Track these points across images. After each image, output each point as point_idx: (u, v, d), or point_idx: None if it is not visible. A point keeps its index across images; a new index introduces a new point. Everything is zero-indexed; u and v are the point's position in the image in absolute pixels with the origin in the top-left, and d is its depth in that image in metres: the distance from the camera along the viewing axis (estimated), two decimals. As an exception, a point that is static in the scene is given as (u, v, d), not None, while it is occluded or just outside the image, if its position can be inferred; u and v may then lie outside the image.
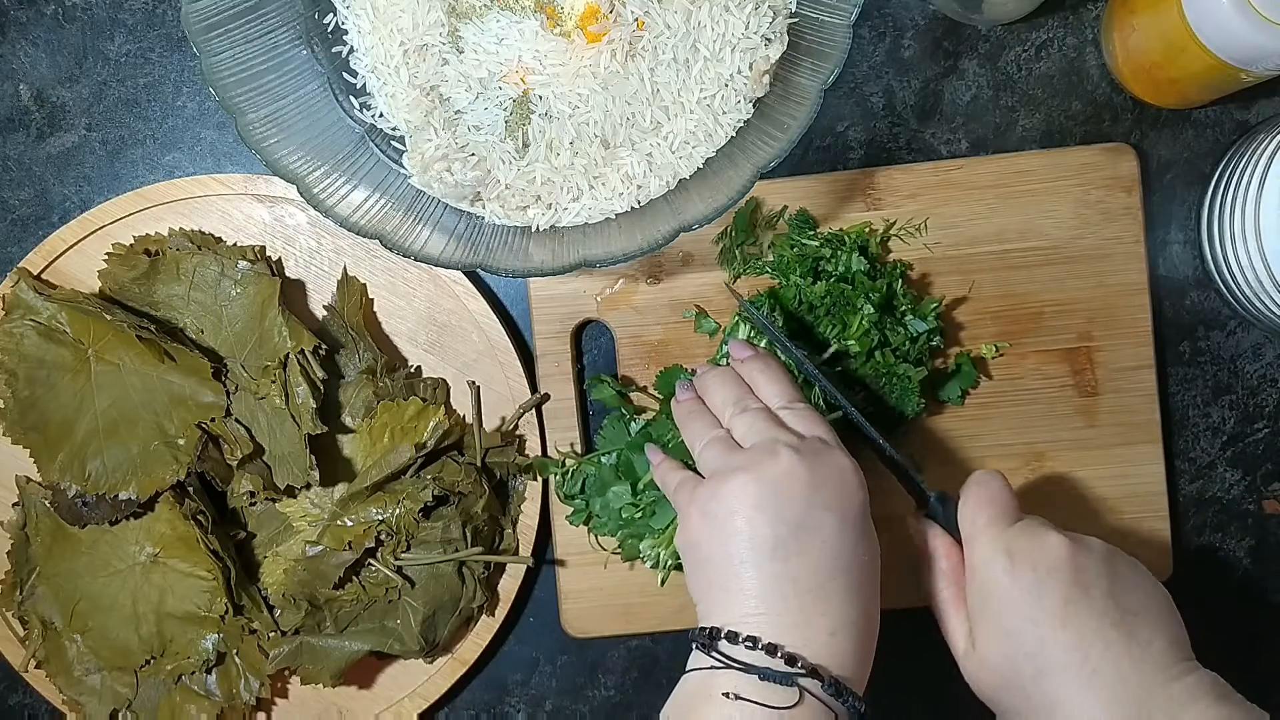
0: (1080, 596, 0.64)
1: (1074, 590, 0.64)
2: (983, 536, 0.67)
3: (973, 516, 0.68)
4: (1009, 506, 0.68)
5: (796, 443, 0.66)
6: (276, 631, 0.79)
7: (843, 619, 0.63)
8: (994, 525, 0.67)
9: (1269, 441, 0.83)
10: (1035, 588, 0.65)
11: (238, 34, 0.70)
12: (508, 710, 0.85)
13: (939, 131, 0.83)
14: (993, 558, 0.66)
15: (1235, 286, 0.79)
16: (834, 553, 0.64)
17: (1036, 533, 0.66)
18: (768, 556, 0.63)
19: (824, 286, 0.76)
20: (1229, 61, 0.71)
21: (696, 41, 0.71)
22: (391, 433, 0.80)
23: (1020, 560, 0.65)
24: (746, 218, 0.80)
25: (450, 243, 0.72)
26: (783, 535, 0.63)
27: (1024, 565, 0.65)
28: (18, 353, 0.79)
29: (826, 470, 0.65)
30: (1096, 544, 0.67)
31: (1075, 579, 0.65)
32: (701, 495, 0.66)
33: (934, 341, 0.78)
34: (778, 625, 0.62)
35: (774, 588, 0.63)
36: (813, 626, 0.62)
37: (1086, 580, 0.65)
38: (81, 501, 0.78)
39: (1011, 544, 0.66)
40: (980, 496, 0.69)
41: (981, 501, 0.68)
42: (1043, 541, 0.66)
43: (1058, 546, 0.65)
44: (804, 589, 0.63)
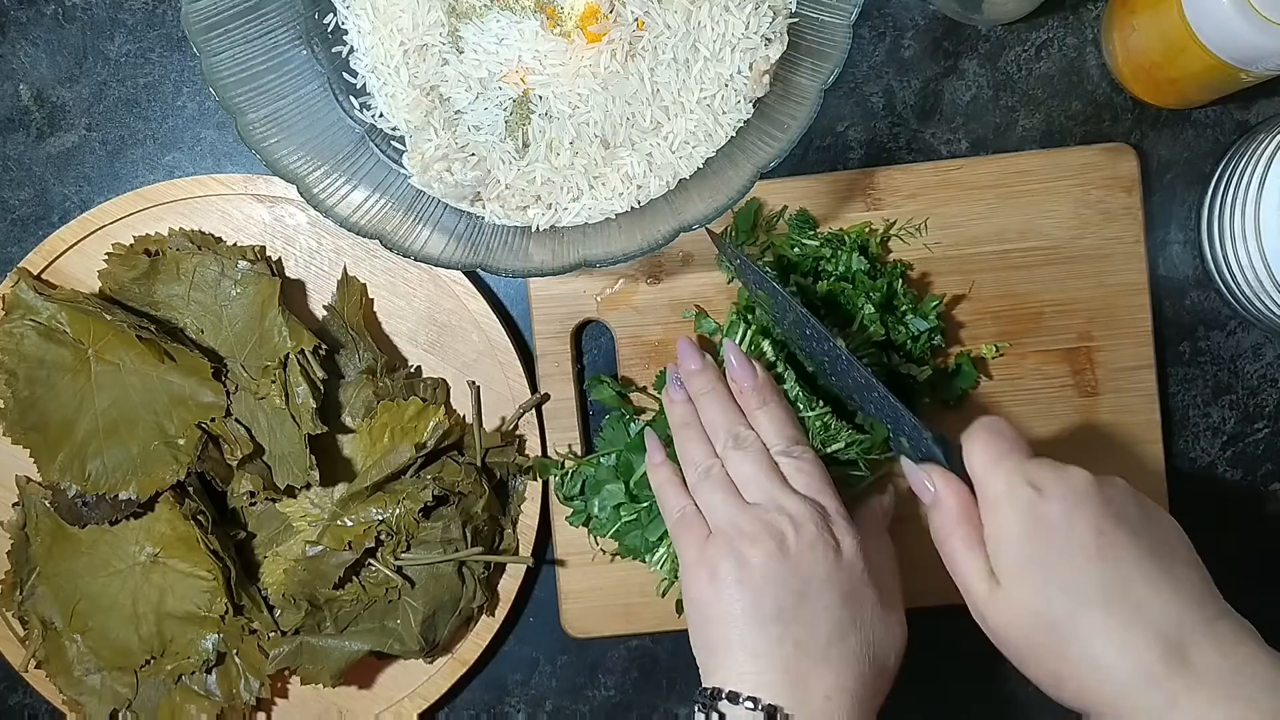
0: (1115, 526, 0.61)
1: (1106, 520, 0.61)
2: (999, 470, 0.64)
3: (983, 452, 0.65)
4: (1020, 441, 0.65)
5: (799, 509, 0.67)
6: (276, 631, 0.79)
7: (839, 684, 0.65)
8: (1009, 458, 0.64)
9: (1269, 441, 0.83)
10: (1066, 517, 0.61)
11: (238, 34, 0.70)
12: (508, 710, 0.85)
13: (939, 131, 0.83)
14: (1015, 489, 0.62)
15: (1235, 286, 0.79)
16: (835, 622, 0.66)
17: (1057, 465, 0.63)
18: (771, 620, 0.65)
19: (825, 286, 0.77)
20: (1229, 61, 0.71)
21: (696, 41, 0.71)
22: (391, 433, 0.80)
23: (1047, 490, 0.62)
24: (747, 218, 0.80)
25: (450, 243, 0.72)
26: (786, 605, 0.65)
27: (1052, 495, 0.62)
28: (18, 353, 0.79)
29: (827, 543, 0.67)
30: (1121, 481, 0.64)
31: (1105, 508, 0.61)
32: (710, 555, 0.68)
33: (935, 340, 0.79)
34: (775, 686, 0.64)
35: (774, 649, 0.65)
36: (808, 690, 0.64)
37: (1117, 510, 0.62)
38: (81, 501, 0.78)
39: (1034, 476, 0.63)
40: (990, 432, 0.65)
41: (992, 436, 0.65)
42: (1067, 473, 0.63)
43: (1083, 478, 0.62)
44: (803, 653, 0.65)
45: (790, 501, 0.68)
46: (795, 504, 0.68)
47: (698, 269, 0.81)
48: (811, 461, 0.70)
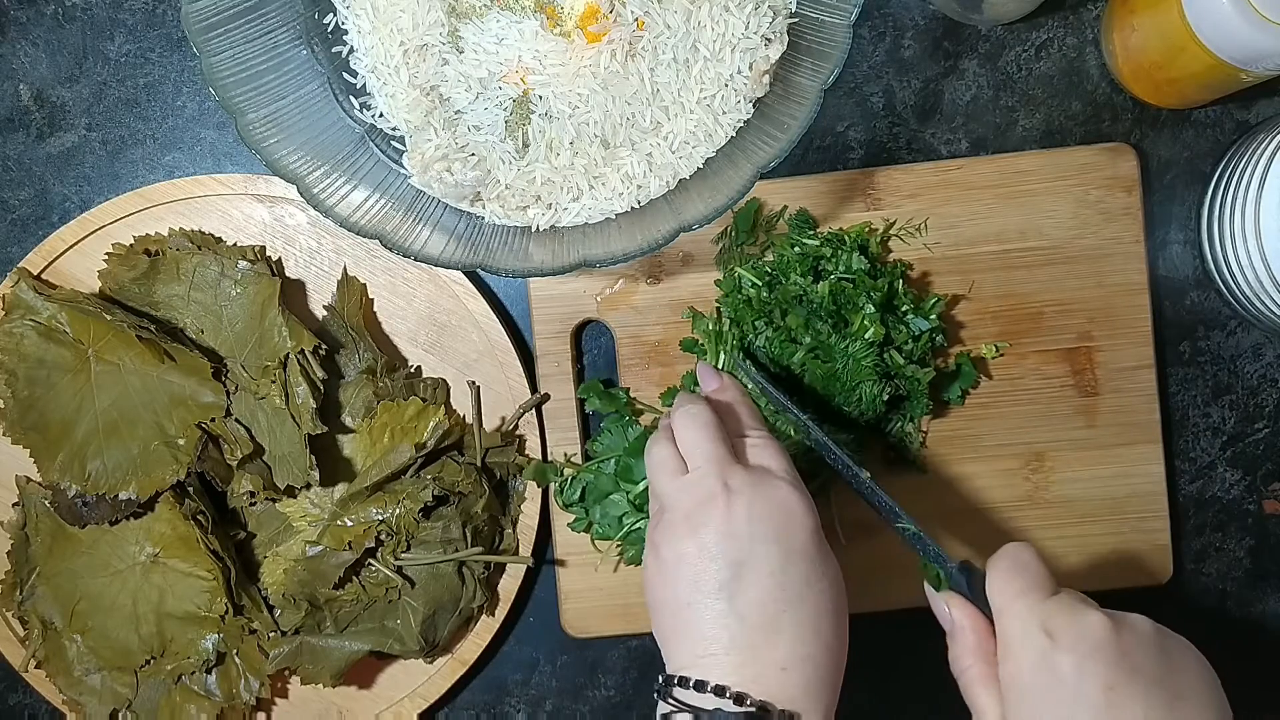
0: (1125, 682, 0.59)
1: (1118, 675, 0.59)
2: (1015, 609, 0.62)
3: (1003, 586, 0.63)
4: (1043, 577, 0.63)
5: (739, 477, 0.65)
6: (276, 631, 0.79)
7: (794, 653, 0.62)
8: (1027, 596, 0.62)
9: (1269, 441, 0.83)
10: (1076, 671, 0.59)
11: (238, 34, 0.70)
12: (508, 710, 0.85)
13: (939, 131, 0.83)
14: (1029, 635, 0.61)
15: (1235, 286, 0.79)
16: (781, 585, 0.63)
17: (1075, 609, 0.61)
18: (713, 596, 0.63)
19: (826, 286, 0.76)
20: (1229, 61, 0.71)
21: (696, 41, 0.71)
22: (391, 433, 0.80)
23: (1060, 639, 0.60)
24: (747, 218, 0.80)
25: (450, 243, 0.72)
26: (725, 576, 0.63)
27: (1064, 646, 0.60)
28: (18, 353, 0.79)
29: (767, 504, 0.64)
30: (1141, 622, 0.62)
31: (1120, 662, 0.60)
32: (657, 538, 0.66)
33: (937, 340, 0.78)
34: (725, 665, 0.62)
35: (721, 627, 0.62)
36: (761, 662, 0.62)
37: (1132, 664, 0.60)
38: (81, 501, 0.78)
39: (1049, 621, 0.61)
40: (1012, 566, 0.63)
41: (1013, 570, 0.63)
42: (1083, 620, 0.60)
43: (1100, 626, 0.60)
44: (751, 626, 0.62)
45: (728, 466, 0.66)
46: (733, 469, 0.66)
47: (698, 269, 0.81)
48: (767, 438, 0.69)
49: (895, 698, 0.83)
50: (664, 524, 0.66)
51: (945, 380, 0.80)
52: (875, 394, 0.76)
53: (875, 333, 0.75)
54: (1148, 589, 0.80)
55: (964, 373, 0.80)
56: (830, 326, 0.76)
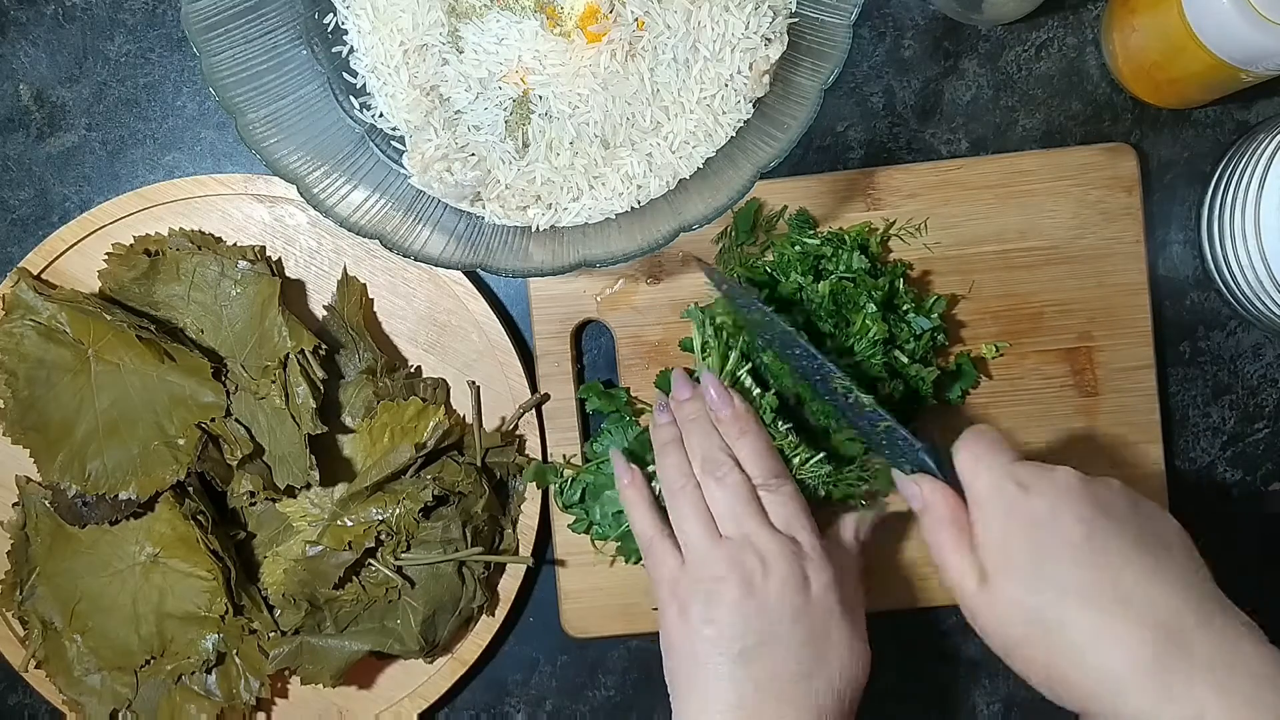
0: (1102, 520, 0.60)
1: (1094, 514, 0.60)
2: (985, 471, 0.63)
3: (972, 453, 0.65)
4: (1006, 445, 0.65)
5: (773, 552, 0.68)
6: (276, 631, 0.79)
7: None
8: (996, 458, 0.64)
9: (1269, 441, 0.83)
10: (1051, 512, 0.60)
11: (238, 34, 0.70)
12: (508, 710, 0.85)
13: (939, 131, 0.83)
14: (1001, 488, 0.62)
15: (1235, 286, 0.79)
16: (798, 659, 0.66)
17: (1044, 466, 0.63)
18: (733, 661, 0.66)
19: (827, 285, 0.76)
20: (1229, 61, 0.71)
21: (696, 41, 0.71)
22: (391, 433, 0.80)
23: (1032, 487, 0.62)
24: (747, 218, 0.80)
25: (450, 243, 0.72)
26: (749, 645, 0.66)
27: (1035, 492, 0.61)
28: (18, 353, 0.79)
29: (797, 582, 0.68)
30: (1114, 480, 0.64)
31: (1094, 503, 0.61)
32: (682, 594, 0.69)
33: (938, 339, 0.78)
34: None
35: (734, 691, 0.66)
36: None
37: (1105, 503, 0.61)
38: (81, 501, 0.78)
39: (1020, 474, 0.62)
40: (977, 438, 0.65)
41: (980, 439, 0.65)
42: (1052, 472, 0.62)
43: (1068, 473, 0.62)
44: (764, 692, 0.65)
45: (764, 538, 0.68)
46: (768, 540, 0.68)
47: (697, 269, 0.81)
48: (790, 495, 0.71)
49: (895, 697, 0.83)
50: (689, 580, 0.69)
51: (946, 380, 0.80)
52: (886, 393, 0.76)
53: (879, 330, 0.75)
54: (1148, 589, 0.80)
55: (964, 373, 0.80)
56: (832, 326, 0.76)
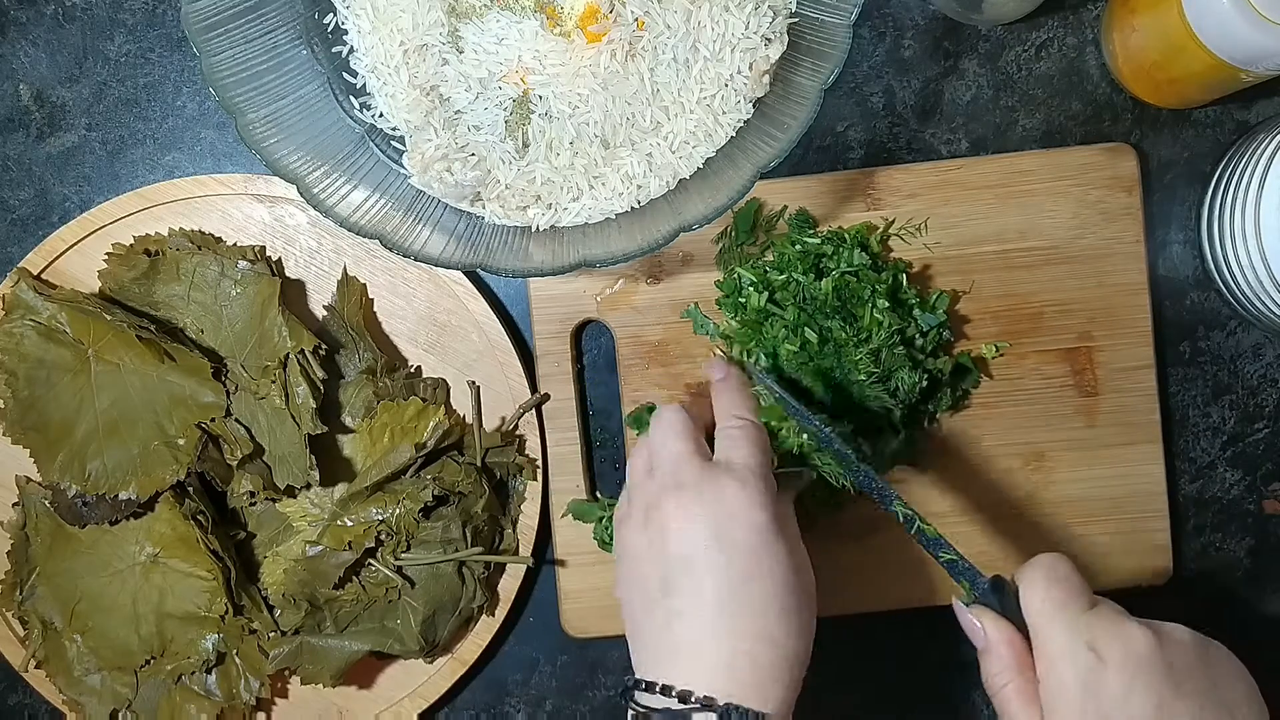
0: (1174, 698, 0.59)
1: (1166, 690, 0.59)
2: (1057, 624, 0.60)
3: (1042, 600, 0.61)
4: (1081, 588, 0.62)
5: (691, 473, 0.65)
6: (276, 631, 0.79)
7: (736, 649, 0.61)
8: (1067, 609, 0.61)
9: (1269, 441, 0.83)
10: (1125, 690, 0.59)
11: (238, 34, 0.70)
12: (508, 710, 0.85)
13: (939, 131, 0.83)
14: (1075, 652, 0.60)
15: (1235, 286, 0.79)
16: (718, 584, 0.62)
17: (1118, 623, 0.60)
18: (655, 598, 0.63)
19: (830, 282, 0.76)
20: (1229, 61, 0.71)
21: (696, 41, 0.71)
22: (391, 433, 0.80)
23: (1107, 657, 0.59)
24: (747, 218, 0.80)
25: (450, 243, 0.72)
26: (666, 573, 0.63)
27: (1112, 664, 0.59)
28: (18, 353, 0.79)
29: (710, 499, 0.64)
30: (1184, 633, 0.61)
31: (1167, 676, 0.59)
32: (618, 535, 0.68)
33: (944, 335, 0.78)
34: (670, 665, 0.62)
35: (665, 627, 0.63)
36: (703, 661, 0.61)
37: (1178, 679, 0.59)
38: (81, 501, 0.78)
39: (1093, 637, 0.60)
40: (1049, 577, 0.62)
41: (1050, 582, 0.62)
42: (1128, 635, 0.60)
43: (1144, 641, 0.60)
44: (692, 624, 0.62)
45: (686, 465, 0.66)
46: (690, 468, 0.66)
47: (698, 269, 0.81)
48: (749, 428, 0.68)
49: (895, 697, 0.83)
50: (620, 518, 0.68)
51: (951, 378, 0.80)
52: (914, 381, 0.76)
53: (891, 320, 0.75)
54: (1148, 589, 0.80)
55: (967, 371, 0.80)
56: (839, 323, 0.76)
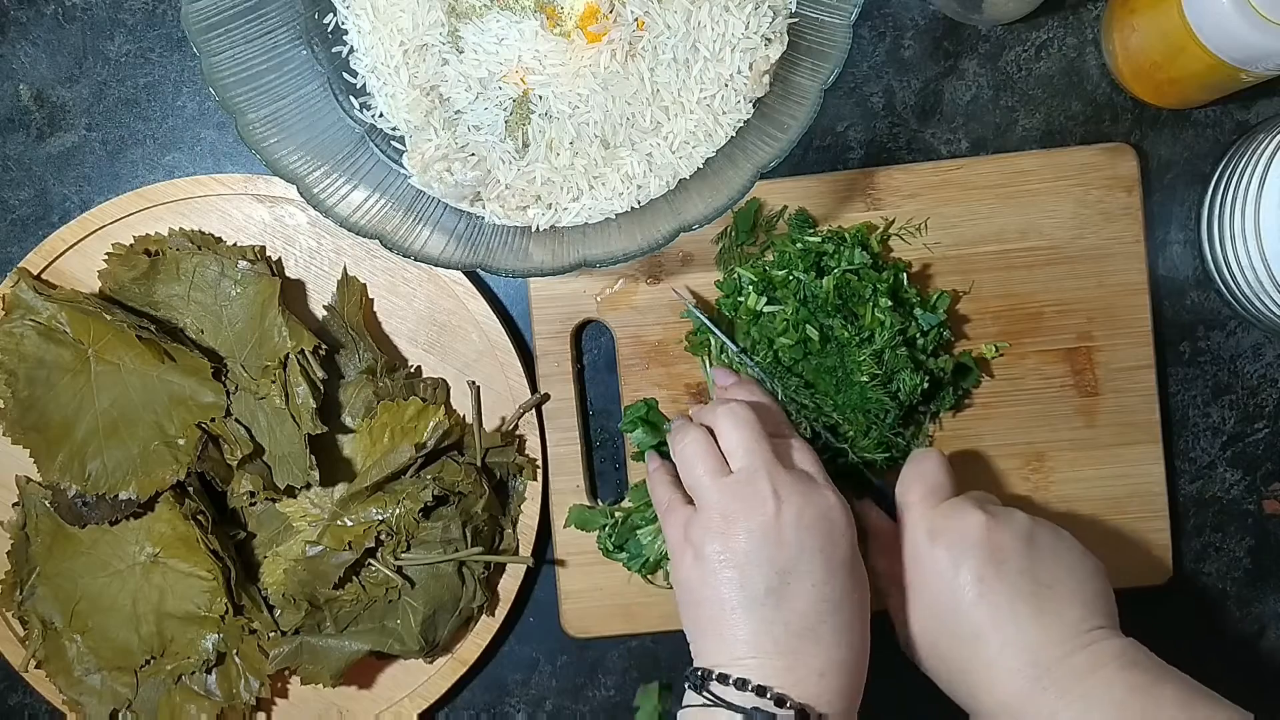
0: (993, 573, 0.67)
1: (988, 567, 0.67)
2: (911, 513, 0.71)
3: (904, 493, 0.72)
4: (939, 484, 0.72)
5: (787, 483, 0.67)
6: (276, 631, 0.79)
7: (831, 659, 0.65)
8: (923, 502, 0.71)
9: (1269, 441, 0.83)
10: (952, 564, 0.68)
11: (238, 34, 0.70)
12: (508, 710, 0.85)
13: (939, 131, 0.83)
14: (917, 534, 0.70)
15: (1235, 286, 0.79)
16: (822, 595, 0.66)
17: (959, 510, 0.70)
18: (759, 602, 0.65)
19: (831, 279, 0.76)
20: (1229, 61, 0.71)
21: (696, 41, 0.71)
22: (391, 433, 0.80)
23: (939, 537, 0.69)
24: (747, 218, 0.80)
25: (450, 243, 0.72)
26: (774, 583, 0.65)
27: (941, 542, 0.69)
28: (18, 353, 0.79)
29: (814, 513, 0.67)
30: (1019, 518, 0.70)
31: (990, 555, 0.68)
32: (695, 536, 0.68)
33: (945, 334, 0.78)
34: (768, 667, 0.64)
35: (765, 631, 0.65)
36: (803, 668, 0.64)
37: (1001, 556, 0.68)
38: (81, 501, 0.78)
39: (934, 521, 0.70)
40: (911, 474, 0.73)
41: (912, 479, 0.72)
42: (962, 519, 0.69)
43: (975, 524, 0.68)
44: (794, 632, 0.64)
45: (777, 471, 0.68)
46: (781, 472, 0.68)
47: (698, 269, 0.81)
48: (801, 444, 0.72)
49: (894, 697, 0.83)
50: (702, 521, 0.68)
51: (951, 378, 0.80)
52: (915, 383, 0.76)
53: (894, 320, 0.75)
54: (1148, 589, 0.80)
55: (968, 371, 0.80)
56: (841, 321, 0.76)
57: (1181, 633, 0.83)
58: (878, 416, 0.76)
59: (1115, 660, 0.65)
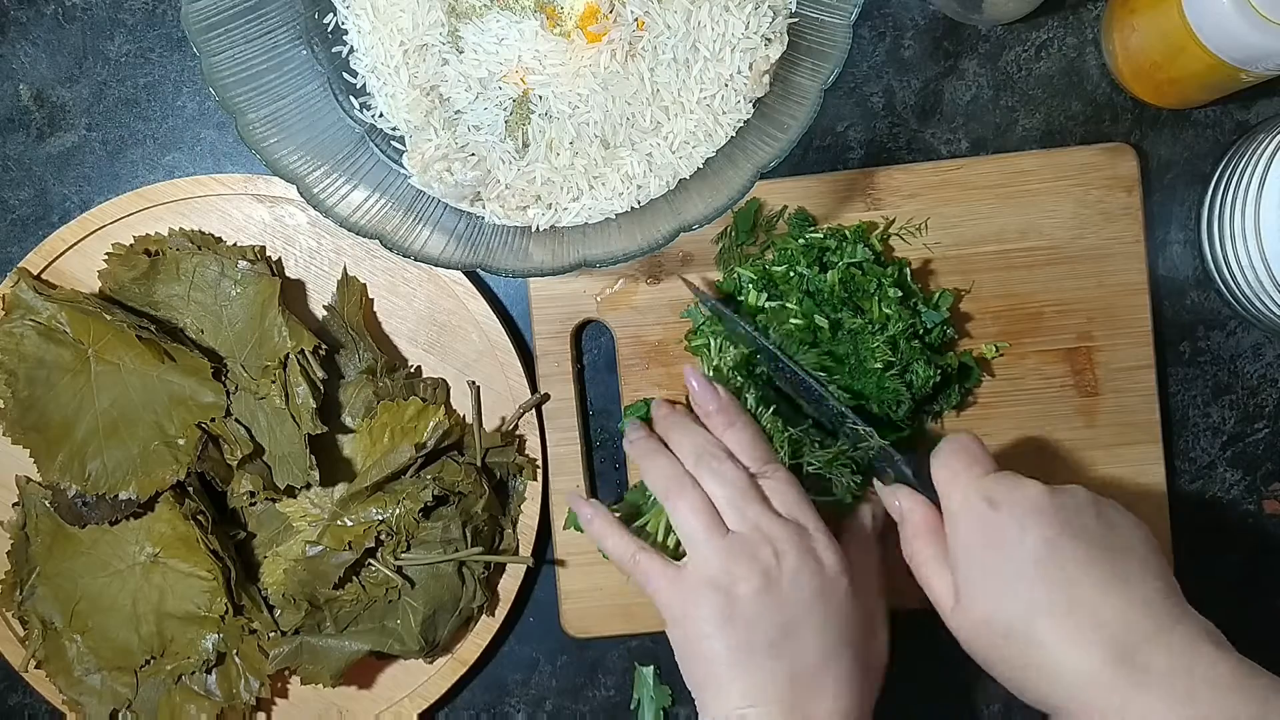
0: (1063, 536, 0.63)
1: (1056, 529, 0.63)
2: (958, 485, 0.66)
3: (947, 466, 0.67)
4: (982, 456, 0.68)
5: (781, 537, 0.67)
6: (276, 631, 0.79)
7: (837, 707, 0.65)
8: (969, 471, 0.66)
9: (1269, 441, 0.83)
10: (1018, 529, 0.63)
11: (238, 34, 0.70)
12: (508, 710, 0.85)
13: (939, 131, 0.83)
14: (972, 503, 0.65)
15: (1235, 286, 0.79)
16: (823, 645, 0.65)
17: (1014, 480, 0.65)
18: (762, 655, 0.65)
19: (836, 274, 0.76)
20: (1229, 61, 0.71)
21: (696, 41, 0.71)
22: (391, 433, 0.80)
23: (1000, 503, 0.64)
24: (747, 218, 0.80)
25: (450, 243, 0.72)
26: (774, 636, 0.65)
27: (1004, 508, 0.64)
28: (18, 353, 0.79)
29: (810, 566, 0.66)
30: (1079, 489, 0.66)
31: (1057, 518, 0.63)
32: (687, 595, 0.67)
33: (949, 332, 0.78)
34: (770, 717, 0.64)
35: (767, 683, 0.65)
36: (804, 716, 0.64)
37: (1068, 518, 0.63)
38: (81, 501, 0.78)
39: (990, 490, 0.65)
40: (953, 449, 0.68)
41: (955, 452, 0.68)
42: (1022, 487, 0.65)
43: (1037, 491, 0.64)
44: (797, 682, 0.65)
45: (772, 525, 0.67)
46: (777, 527, 0.67)
47: (698, 269, 0.81)
48: (786, 479, 0.70)
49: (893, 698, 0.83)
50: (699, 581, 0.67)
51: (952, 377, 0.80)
52: (929, 374, 0.75)
53: (900, 315, 0.75)
54: (1148, 589, 0.80)
55: (969, 370, 0.80)
56: (852, 314, 0.76)
57: (1181, 633, 0.83)
58: (892, 407, 0.76)
59: (1210, 640, 0.61)
